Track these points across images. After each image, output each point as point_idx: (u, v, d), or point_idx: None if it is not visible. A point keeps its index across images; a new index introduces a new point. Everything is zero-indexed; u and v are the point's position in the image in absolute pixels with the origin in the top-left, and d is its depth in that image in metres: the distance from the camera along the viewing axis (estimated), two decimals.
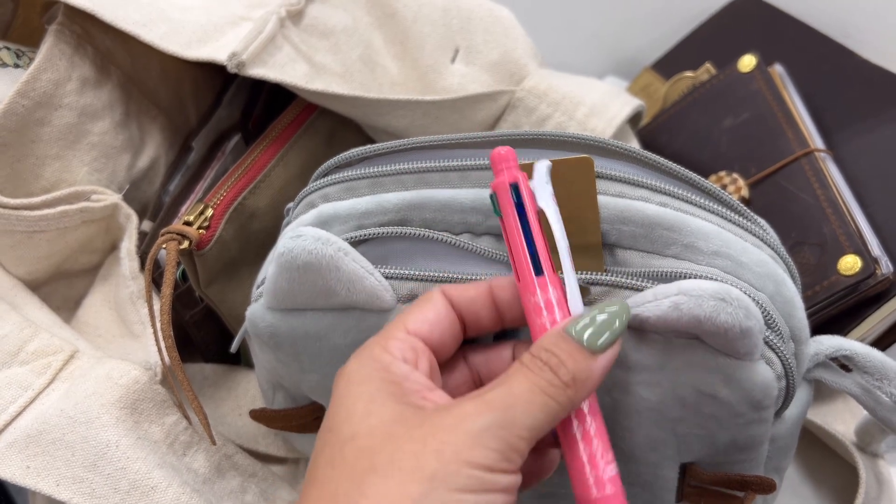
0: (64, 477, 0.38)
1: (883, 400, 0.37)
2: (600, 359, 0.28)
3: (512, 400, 0.27)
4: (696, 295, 0.31)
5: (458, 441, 0.25)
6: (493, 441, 0.26)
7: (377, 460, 0.26)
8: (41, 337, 0.42)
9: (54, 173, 0.45)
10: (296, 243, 0.33)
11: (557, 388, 0.27)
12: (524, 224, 0.30)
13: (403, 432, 0.26)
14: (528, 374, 0.27)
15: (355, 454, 0.26)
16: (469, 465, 0.25)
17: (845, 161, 0.52)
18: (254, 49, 0.45)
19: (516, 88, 0.53)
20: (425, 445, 0.26)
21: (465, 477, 0.25)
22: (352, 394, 0.28)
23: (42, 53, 0.44)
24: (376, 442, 0.26)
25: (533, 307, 0.30)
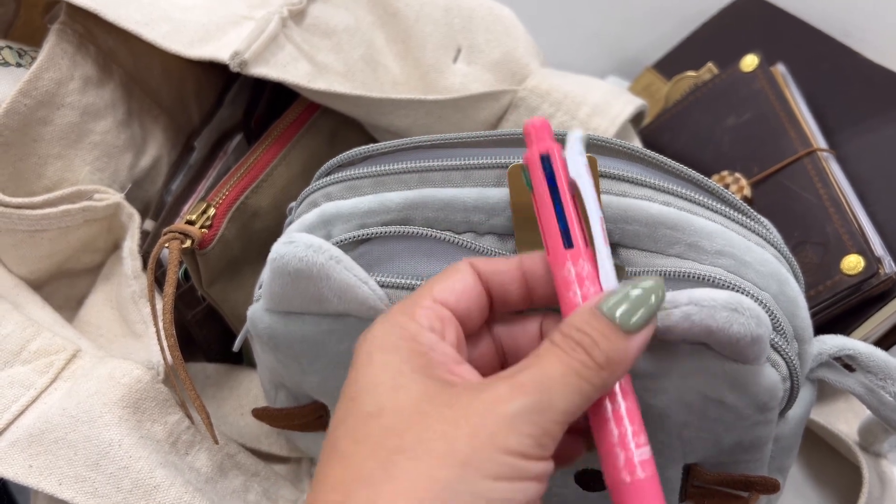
0: (66, 476, 0.38)
1: (886, 399, 0.37)
2: (635, 339, 0.27)
3: (547, 383, 0.25)
4: (709, 305, 0.30)
5: (492, 425, 0.24)
6: (527, 426, 0.25)
7: (405, 441, 0.24)
8: (43, 336, 0.42)
9: (56, 172, 0.45)
10: (287, 250, 0.33)
11: (591, 371, 0.26)
12: (555, 196, 0.29)
13: (433, 411, 0.25)
14: (562, 356, 0.26)
15: (382, 432, 0.25)
16: (503, 451, 0.24)
17: (848, 160, 0.52)
18: (256, 48, 0.45)
19: (518, 88, 0.53)
20: (457, 428, 0.24)
21: (498, 464, 0.24)
22: (376, 362, 0.27)
23: (44, 53, 0.44)
24: (404, 420, 0.25)
25: (563, 281, 0.29)
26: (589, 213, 0.30)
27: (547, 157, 0.29)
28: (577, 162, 0.30)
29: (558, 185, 0.29)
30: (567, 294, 0.29)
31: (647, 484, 0.27)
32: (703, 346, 0.32)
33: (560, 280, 0.29)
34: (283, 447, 0.48)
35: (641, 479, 0.27)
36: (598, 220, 0.30)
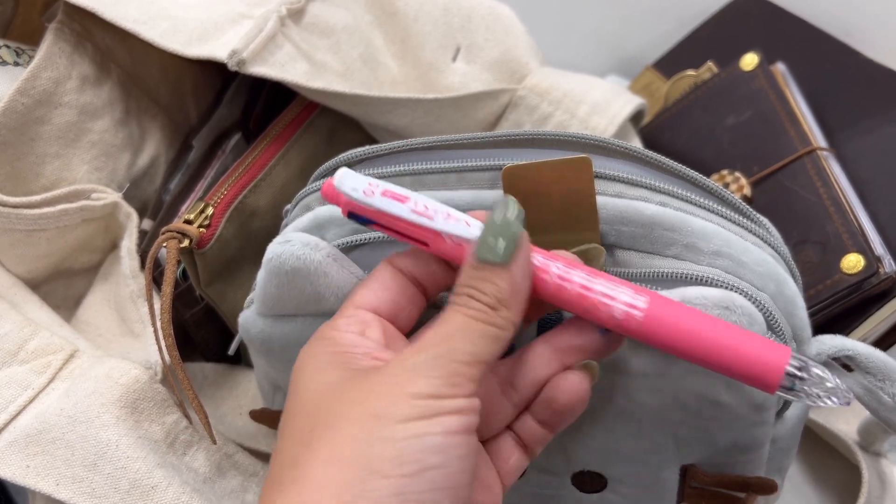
0: (64, 476, 0.38)
1: (885, 400, 0.37)
2: (513, 268, 0.28)
3: (447, 334, 0.27)
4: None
5: (398, 377, 0.26)
6: (431, 370, 0.26)
7: (321, 417, 0.26)
8: (41, 336, 0.42)
9: (54, 172, 0.45)
10: (283, 248, 0.33)
11: (488, 314, 0.27)
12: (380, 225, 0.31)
13: (347, 387, 0.27)
14: (458, 310, 0.27)
15: (303, 420, 0.27)
16: (410, 395, 0.25)
17: (848, 159, 0.52)
18: (254, 47, 0.45)
19: (517, 87, 0.53)
20: (367, 392, 0.26)
21: (408, 407, 0.25)
22: (298, 370, 0.29)
23: (42, 51, 0.44)
24: (322, 405, 0.27)
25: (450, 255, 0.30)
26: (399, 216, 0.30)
27: (351, 213, 0.31)
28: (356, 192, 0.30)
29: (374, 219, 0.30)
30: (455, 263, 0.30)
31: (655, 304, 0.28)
32: None
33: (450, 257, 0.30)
34: None
35: (646, 307, 0.28)
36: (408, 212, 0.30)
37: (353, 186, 0.30)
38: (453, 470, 0.25)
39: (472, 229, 0.29)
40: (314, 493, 0.24)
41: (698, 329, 0.27)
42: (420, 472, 0.24)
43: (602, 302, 0.28)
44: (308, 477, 0.24)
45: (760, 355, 0.27)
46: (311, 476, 0.24)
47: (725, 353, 0.27)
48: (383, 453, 0.24)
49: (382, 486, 0.24)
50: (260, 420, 0.42)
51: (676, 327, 0.28)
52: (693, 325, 0.28)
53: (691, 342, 0.27)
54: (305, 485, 0.24)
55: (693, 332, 0.27)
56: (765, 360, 0.27)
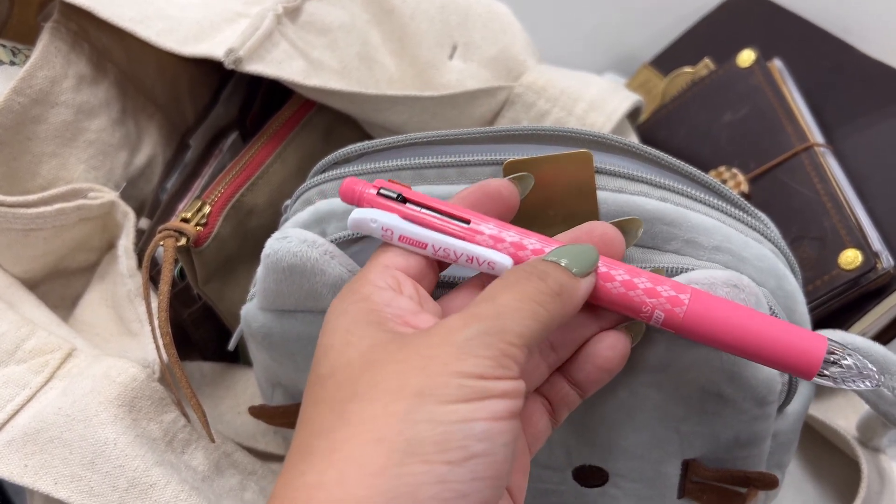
0: (62, 475, 0.38)
1: (885, 394, 0.37)
2: (583, 282, 0.28)
3: (500, 309, 0.25)
4: (709, 283, 0.31)
5: (444, 353, 0.24)
6: (482, 349, 0.24)
7: (358, 388, 0.24)
8: (38, 335, 0.41)
9: (51, 171, 0.45)
10: (281, 245, 0.33)
11: (546, 296, 0.26)
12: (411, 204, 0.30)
13: (384, 356, 0.25)
14: (515, 284, 0.26)
15: (335, 388, 0.25)
16: (459, 374, 0.24)
17: (845, 155, 0.52)
18: (251, 45, 0.44)
19: (514, 84, 0.53)
20: (408, 364, 0.24)
21: (455, 387, 0.24)
22: (328, 329, 0.27)
23: (38, 51, 0.44)
24: (355, 372, 0.25)
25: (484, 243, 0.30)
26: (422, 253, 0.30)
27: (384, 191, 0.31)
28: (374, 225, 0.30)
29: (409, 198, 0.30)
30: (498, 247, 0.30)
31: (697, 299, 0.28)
32: None
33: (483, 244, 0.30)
34: (280, 445, 0.48)
35: (687, 303, 0.28)
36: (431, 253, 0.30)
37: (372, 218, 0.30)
38: (497, 459, 0.24)
39: (499, 264, 0.29)
40: (350, 471, 0.23)
41: (739, 322, 0.28)
42: (464, 459, 0.23)
43: (645, 300, 0.29)
44: (343, 451, 0.23)
45: (800, 345, 0.28)
46: (346, 451, 0.23)
47: (766, 345, 0.28)
48: (427, 436, 0.23)
49: (423, 472, 0.22)
50: (259, 416, 0.42)
51: (718, 320, 0.28)
52: (733, 318, 0.28)
53: (733, 335, 0.28)
54: (340, 460, 0.23)
55: (734, 325, 0.28)
56: (804, 349, 0.28)
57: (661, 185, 0.35)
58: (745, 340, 0.28)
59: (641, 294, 0.29)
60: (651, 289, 0.29)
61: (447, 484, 0.22)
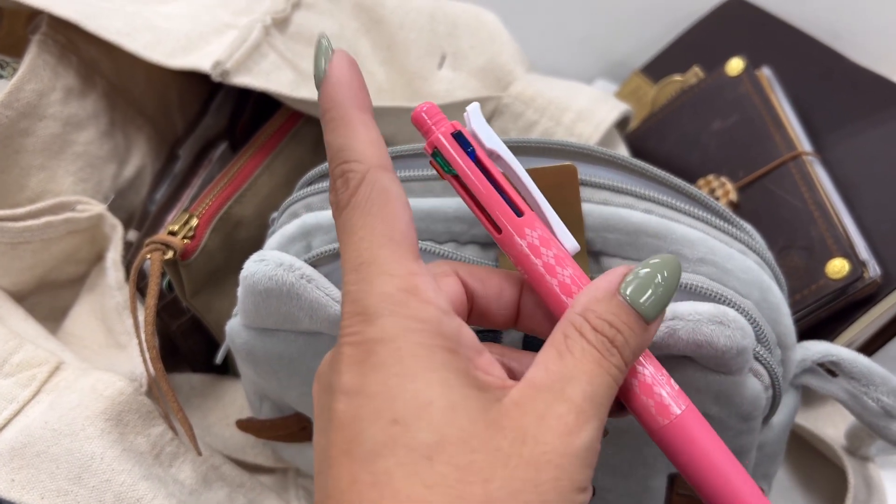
0: (48, 490, 0.38)
1: (869, 405, 0.37)
2: (652, 328, 0.25)
3: (597, 398, 0.23)
4: (694, 319, 0.30)
5: (571, 465, 0.22)
6: (593, 457, 0.23)
7: (492, 490, 0.21)
8: (26, 349, 0.41)
9: (39, 184, 0.45)
10: (258, 268, 0.33)
11: (622, 373, 0.24)
12: (483, 170, 0.27)
13: (509, 448, 0.22)
14: (600, 360, 0.24)
15: (455, 473, 0.21)
16: (579, 491, 0.22)
17: (833, 164, 0.52)
18: (238, 57, 0.45)
19: (503, 94, 0.53)
20: (540, 472, 0.22)
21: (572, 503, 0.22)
22: (411, 372, 0.22)
23: (26, 64, 0.44)
24: (479, 458, 0.21)
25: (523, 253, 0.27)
26: (521, 176, 0.28)
27: (460, 133, 0.27)
28: (488, 130, 0.28)
29: (480, 158, 0.27)
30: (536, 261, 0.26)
31: (688, 416, 0.25)
32: (685, 360, 0.32)
33: (519, 254, 0.27)
34: (269, 458, 0.48)
35: (680, 414, 0.25)
36: (532, 186, 0.28)
37: (484, 121, 0.27)
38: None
39: (569, 241, 0.27)
40: None
41: (716, 457, 0.25)
42: None
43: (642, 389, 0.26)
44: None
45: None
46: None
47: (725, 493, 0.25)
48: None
49: None
50: (247, 430, 0.42)
51: (697, 443, 0.25)
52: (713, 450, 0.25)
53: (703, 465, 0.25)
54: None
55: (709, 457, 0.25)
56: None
57: (646, 196, 0.35)
58: (709, 479, 0.25)
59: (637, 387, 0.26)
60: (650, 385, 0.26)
61: None
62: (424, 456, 0.21)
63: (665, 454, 0.26)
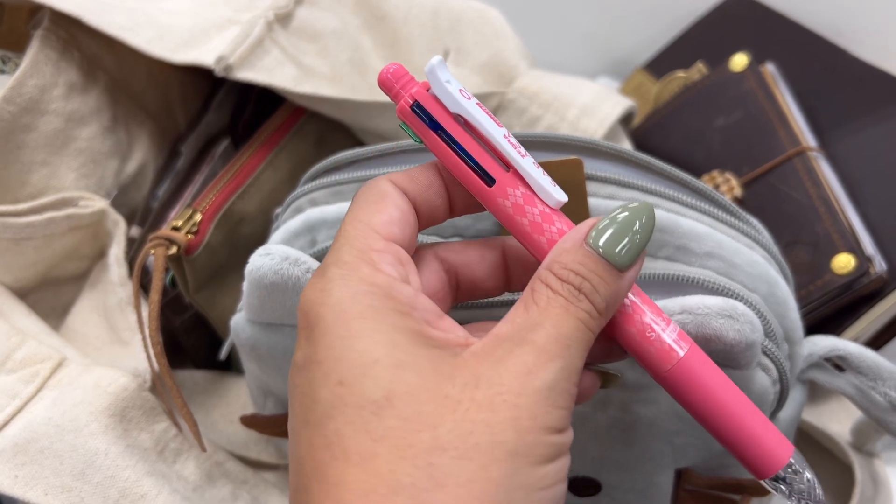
0: (52, 486, 0.38)
1: (877, 400, 0.37)
2: (628, 275, 0.24)
3: (566, 342, 0.23)
4: (703, 313, 0.30)
5: (532, 405, 0.21)
6: (562, 398, 0.22)
7: (439, 434, 0.21)
8: (29, 345, 0.41)
9: (41, 179, 0.45)
10: (263, 262, 0.32)
11: (595, 320, 0.24)
12: (449, 137, 0.26)
13: (457, 393, 0.21)
14: (569, 307, 0.23)
15: (402, 425, 0.21)
16: (546, 430, 0.22)
17: (838, 159, 0.52)
18: (241, 52, 0.44)
19: (507, 90, 0.53)
20: (496, 412, 0.21)
21: (545, 447, 0.21)
22: (359, 333, 0.22)
23: (28, 59, 0.43)
24: (427, 408, 0.21)
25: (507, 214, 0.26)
26: (491, 134, 0.26)
27: (418, 104, 0.26)
28: (452, 90, 0.26)
29: (446, 128, 0.26)
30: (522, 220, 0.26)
31: (692, 356, 0.25)
32: None
33: (504, 216, 0.26)
34: (273, 454, 0.48)
35: (683, 357, 0.25)
36: (503, 137, 0.26)
37: (447, 79, 0.26)
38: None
39: (556, 192, 0.26)
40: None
41: (723, 395, 0.26)
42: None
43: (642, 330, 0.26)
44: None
45: (767, 445, 0.26)
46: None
47: (737, 430, 0.25)
48: None
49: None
50: (251, 426, 0.42)
51: (701, 388, 0.25)
52: (719, 388, 0.26)
53: (711, 405, 0.25)
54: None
55: (717, 396, 0.25)
56: (769, 450, 0.26)
57: (653, 191, 0.35)
58: (720, 418, 0.25)
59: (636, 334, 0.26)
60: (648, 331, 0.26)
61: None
62: (372, 412, 0.21)
63: (673, 398, 0.26)
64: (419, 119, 0.27)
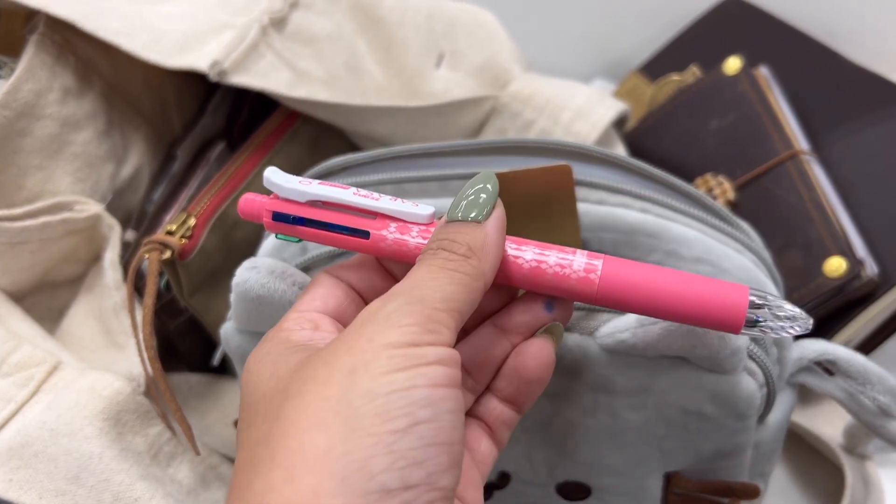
0: (46, 490, 0.38)
1: (866, 404, 0.37)
2: (489, 224, 0.27)
3: (416, 281, 0.25)
4: None
5: (369, 331, 0.24)
6: (406, 317, 0.24)
7: (289, 391, 0.24)
8: (24, 349, 0.41)
9: (37, 184, 0.45)
10: (249, 275, 0.33)
11: (458, 261, 0.26)
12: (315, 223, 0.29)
13: (311, 361, 0.24)
14: (427, 261, 0.26)
15: (266, 403, 0.24)
16: (387, 346, 0.23)
17: (831, 162, 0.52)
18: (236, 57, 0.45)
19: (501, 93, 0.53)
20: (336, 353, 0.24)
21: (386, 359, 0.23)
22: (253, 371, 0.26)
23: (23, 64, 0.44)
24: (283, 383, 0.24)
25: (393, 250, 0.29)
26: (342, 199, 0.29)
27: (276, 213, 0.29)
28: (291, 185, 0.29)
29: (304, 216, 0.29)
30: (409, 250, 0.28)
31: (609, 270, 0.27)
32: (680, 360, 0.32)
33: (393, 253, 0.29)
34: None
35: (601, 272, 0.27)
36: (353, 195, 0.29)
37: (285, 179, 0.29)
38: (444, 424, 0.23)
39: (421, 209, 0.28)
40: (295, 464, 0.22)
41: (656, 282, 0.27)
42: (410, 427, 0.22)
43: (557, 271, 0.28)
44: (283, 448, 0.22)
45: (721, 297, 0.27)
46: (286, 447, 0.22)
47: (687, 302, 0.27)
48: (366, 410, 0.22)
49: (370, 445, 0.22)
50: None
51: (634, 283, 0.27)
52: (650, 278, 0.27)
53: (651, 295, 0.27)
54: (283, 457, 0.22)
55: (652, 286, 0.27)
56: (726, 300, 0.27)
57: (643, 196, 0.35)
58: (665, 301, 0.27)
59: (553, 266, 0.28)
60: (562, 261, 0.28)
61: (398, 453, 0.22)
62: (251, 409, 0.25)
63: (619, 309, 0.28)
64: (285, 224, 0.29)
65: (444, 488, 0.23)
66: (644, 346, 0.31)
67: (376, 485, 0.21)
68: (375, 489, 0.21)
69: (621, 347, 0.32)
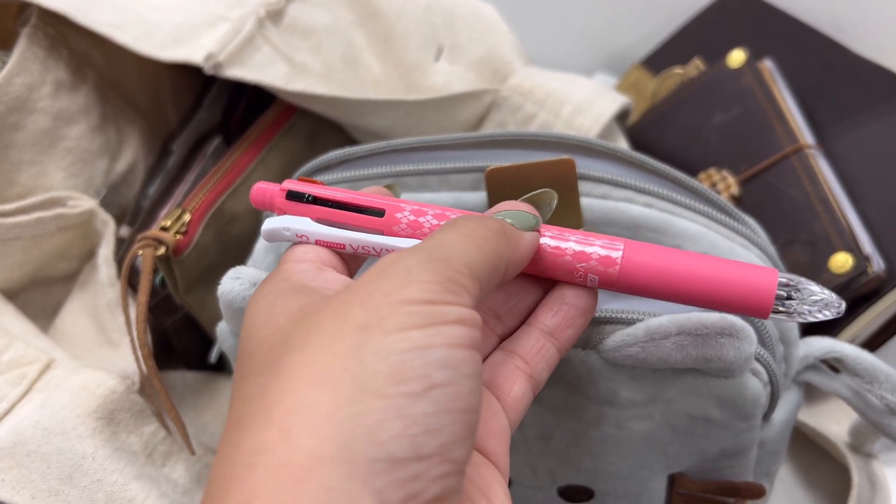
0: (39, 490, 0.37)
1: (873, 403, 0.36)
2: (526, 234, 0.26)
3: (442, 242, 0.23)
4: (702, 334, 0.29)
5: (386, 285, 0.22)
6: (427, 274, 0.22)
7: (290, 343, 0.22)
8: (17, 347, 0.41)
9: (29, 179, 0.44)
10: (233, 286, 0.32)
11: (490, 232, 0.24)
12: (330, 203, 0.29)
13: (317, 309, 0.22)
14: (457, 224, 0.25)
15: (265, 353, 0.22)
16: (405, 302, 0.21)
17: (836, 157, 0.51)
18: (231, 50, 0.44)
19: (501, 87, 0.52)
20: (346, 304, 0.22)
21: (403, 315, 0.21)
22: (250, 314, 0.24)
23: (15, 57, 0.43)
24: (285, 332, 0.22)
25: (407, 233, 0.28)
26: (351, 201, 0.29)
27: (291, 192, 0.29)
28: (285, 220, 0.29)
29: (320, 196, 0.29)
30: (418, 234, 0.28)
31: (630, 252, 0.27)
32: (688, 369, 0.31)
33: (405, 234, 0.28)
34: None
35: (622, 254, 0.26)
36: None
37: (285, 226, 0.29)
38: (462, 389, 0.21)
39: None
40: (293, 424, 0.19)
41: (680, 264, 0.26)
42: (426, 390, 0.20)
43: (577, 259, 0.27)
44: (281, 406, 0.20)
45: (749, 280, 0.25)
46: (285, 404, 0.20)
47: (713, 285, 0.26)
48: (379, 368, 0.20)
49: (380, 408, 0.19)
50: None
51: (657, 266, 0.26)
52: (674, 260, 0.26)
53: (676, 278, 0.26)
54: (280, 416, 0.20)
55: (675, 268, 0.26)
56: (754, 283, 0.25)
57: (647, 190, 0.35)
58: (690, 287, 0.26)
59: (570, 255, 0.27)
60: (581, 248, 0.27)
61: (411, 418, 0.20)
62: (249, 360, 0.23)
63: (644, 296, 0.27)
64: (299, 203, 0.29)
65: (457, 461, 0.21)
66: (654, 360, 0.30)
67: (383, 452, 0.19)
68: (382, 457, 0.19)
69: (629, 361, 0.31)
